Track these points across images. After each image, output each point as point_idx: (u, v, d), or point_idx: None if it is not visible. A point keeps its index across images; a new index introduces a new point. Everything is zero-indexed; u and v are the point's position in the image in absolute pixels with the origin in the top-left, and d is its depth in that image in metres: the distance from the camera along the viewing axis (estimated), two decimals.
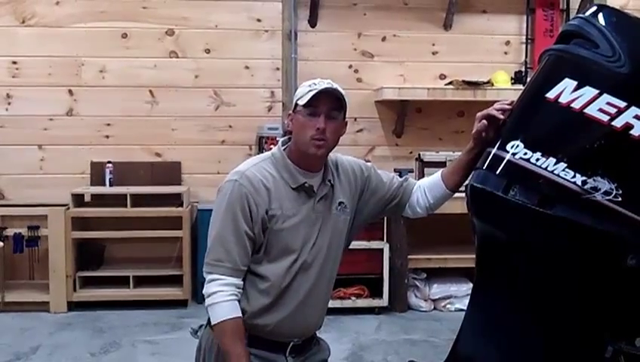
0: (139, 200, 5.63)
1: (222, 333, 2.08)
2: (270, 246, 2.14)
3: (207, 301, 2.10)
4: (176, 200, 5.77)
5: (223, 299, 2.07)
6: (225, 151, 6.01)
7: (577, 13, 5.78)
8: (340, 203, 2.24)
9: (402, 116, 6.14)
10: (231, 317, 2.06)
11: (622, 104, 1.74)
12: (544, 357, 1.92)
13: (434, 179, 2.34)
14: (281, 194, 2.14)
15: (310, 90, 2.10)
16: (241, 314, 2.09)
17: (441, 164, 4.83)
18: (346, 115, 2.21)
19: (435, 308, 5.70)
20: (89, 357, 4.56)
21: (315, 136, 2.10)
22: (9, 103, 5.92)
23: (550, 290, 1.86)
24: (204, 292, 2.11)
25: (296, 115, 2.16)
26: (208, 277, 2.11)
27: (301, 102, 2.12)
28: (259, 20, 6.07)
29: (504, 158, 1.85)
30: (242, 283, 2.12)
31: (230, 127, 6.08)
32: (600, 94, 1.76)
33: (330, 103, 2.13)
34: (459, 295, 5.62)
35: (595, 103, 1.76)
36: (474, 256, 2.08)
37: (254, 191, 2.10)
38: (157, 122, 6.02)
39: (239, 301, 2.10)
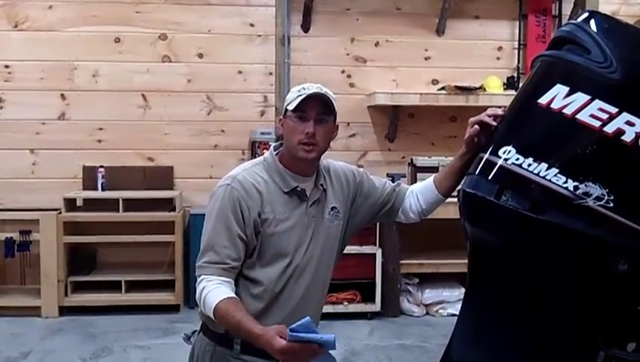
0: (131, 204, 5.62)
1: (224, 318, 1.96)
2: (263, 250, 2.12)
3: (201, 299, 2.02)
4: (168, 204, 5.76)
5: (211, 288, 2.00)
6: (217, 156, 6.00)
7: (569, 19, 5.83)
8: (332, 208, 2.24)
9: (395, 121, 6.15)
10: (224, 298, 1.96)
11: (613, 110, 1.74)
12: None
13: (426, 184, 2.34)
14: (274, 198, 2.13)
15: (299, 95, 2.10)
16: (235, 296, 2.01)
17: (433, 169, 4.83)
18: (337, 119, 2.20)
19: (427, 313, 5.69)
20: None
21: (305, 140, 2.10)
22: (1, 107, 5.90)
23: (542, 296, 1.86)
24: (196, 298, 2.05)
25: (286, 119, 2.16)
26: (198, 280, 2.06)
27: (290, 107, 2.13)
28: (252, 25, 6.07)
29: (496, 164, 1.85)
30: (233, 282, 2.07)
31: (223, 131, 6.07)
32: (592, 100, 1.76)
33: (319, 107, 2.12)
34: (451, 300, 5.62)
35: (586, 109, 1.76)
36: (466, 261, 2.08)
37: (246, 194, 2.09)
38: (149, 127, 6.01)
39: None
